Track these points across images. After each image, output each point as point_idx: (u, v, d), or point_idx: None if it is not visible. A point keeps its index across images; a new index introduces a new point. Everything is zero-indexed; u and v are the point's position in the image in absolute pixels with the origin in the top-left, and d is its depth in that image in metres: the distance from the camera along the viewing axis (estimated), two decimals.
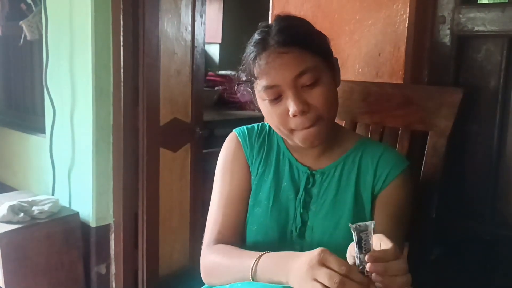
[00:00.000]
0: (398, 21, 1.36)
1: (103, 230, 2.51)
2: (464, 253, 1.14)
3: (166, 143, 2.54)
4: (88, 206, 2.46)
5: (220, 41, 4.56)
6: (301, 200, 1.13)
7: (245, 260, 1.02)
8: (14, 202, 2.29)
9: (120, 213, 2.49)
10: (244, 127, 1.24)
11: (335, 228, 1.09)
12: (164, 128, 2.52)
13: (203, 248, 1.16)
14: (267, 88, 1.03)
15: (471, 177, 1.38)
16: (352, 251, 0.83)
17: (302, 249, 1.08)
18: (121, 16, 2.34)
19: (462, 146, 1.38)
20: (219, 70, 4.39)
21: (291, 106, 1.01)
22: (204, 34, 2.70)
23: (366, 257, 0.77)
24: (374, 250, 0.79)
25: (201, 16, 2.65)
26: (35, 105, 3.06)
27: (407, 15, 1.35)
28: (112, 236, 2.53)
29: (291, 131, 1.06)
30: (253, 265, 0.99)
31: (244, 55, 1.11)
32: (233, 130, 1.25)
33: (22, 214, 2.24)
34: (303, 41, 1.03)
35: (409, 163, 1.12)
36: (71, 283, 2.43)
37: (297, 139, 1.07)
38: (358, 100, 1.36)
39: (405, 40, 1.36)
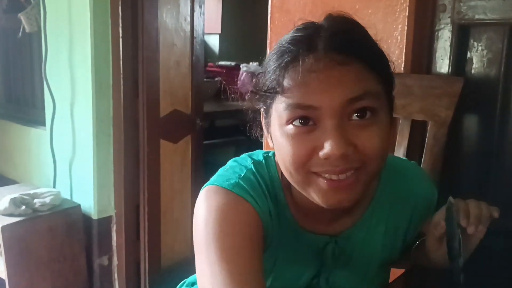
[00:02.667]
0: (398, 10, 1.35)
1: (105, 222, 2.51)
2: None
3: (166, 134, 2.54)
4: (90, 198, 2.46)
5: (219, 32, 4.54)
6: (328, 280, 0.87)
7: None
8: (16, 195, 2.29)
9: (122, 205, 2.49)
10: (244, 185, 0.80)
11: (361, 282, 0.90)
12: (164, 119, 2.52)
13: None
14: (298, 107, 0.69)
15: (471, 167, 1.38)
16: (438, 232, 0.80)
17: None
18: (120, 8, 2.33)
19: (462, 136, 1.38)
20: (219, 61, 4.38)
21: (329, 143, 0.67)
22: (204, 25, 2.69)
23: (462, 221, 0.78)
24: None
25: (200, 7, 2.64)
26: (35, 98, 3.05)
27: (407, 3, 1.34)
28: (114, 228, 2.54)
29: (310, 177, 0.72)
30: None
31: (268, 58, 0.77)
32: (235, 193, 0.79)
33: (23, 207, 2.25)
34: (368, 56, 0.72)
35: (435, 187, 0.94)
36: (74, 275, 2.44)
37: (316, 192, 0.72)
38: None
39: (406, 29, 1.35)
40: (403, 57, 1.36)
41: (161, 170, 2.54)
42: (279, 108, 0.71)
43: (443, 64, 1.37)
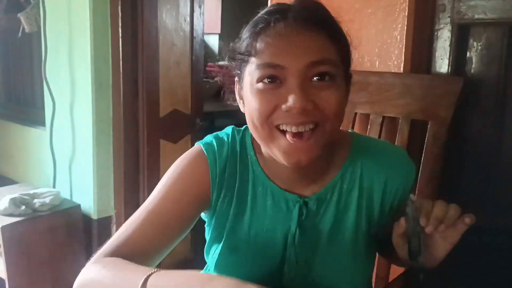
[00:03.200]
0: (398, 9, 1.35)
1: (105, 222, 2.51)
2: (464, 243, 1.14)
3: (166, 134, 2.54)
4: (89, 199, 2.46)
5: (219, 32, 4.54)
6: (295, 237, 0.91)
7: (131, 275, 0.74)
8: (16, 195, 2.29)
9: (121, 204, 2.49)
10: (214, 141, 0.96)
11: (335, 259, 0.93)
12: (164, 119, 2.52)
13: (88, 262, 0.85)
14: (267, 66, 0.79)
15: (471, 166, 1.38)
16: (399, 230, 0.84)
17: (293, 285, 0.93)
18: (120, 8, 2.33)
19: (462, 135, 1.38)
20: (218, 61, 4.38)
21: (292, 97, 0.76)
22: (203, 25, 2.69)
23: (421, 220, 0.80)
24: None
25: (200, 7, 2.64)
26: (34, 98, 3.05)
27: (407, 3, 1.34)
28: (114, 228, 2.54)
29: (274, 133, 0.81)
30: (141, 284, 0.71)
31: (243, 29, 0.88)
32: (198, 143, 0.97)
33: (23, 207, 2.25)
34: (331, 30, 0.81)
35: (413, 164, 0.98)
36: (74, 275, 2.42)
37: (278, 149, 0.81)
38: (358, 89, 1.36)
39: (405, 29, 1.35)
40: (403, 56, 1.36)
41: (160, 170, 2.54)
42: (251, 68, 0.81)
43: (442, 64, 1.37)
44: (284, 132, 0.80)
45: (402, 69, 1.37)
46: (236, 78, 0.91)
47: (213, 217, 0.96)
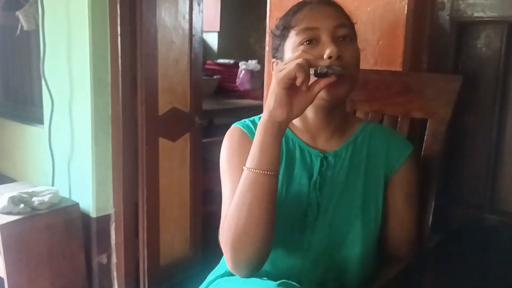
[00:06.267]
0: (397, 7, 1.35)
1: (104, 220, 2.51)
2: (464, 240, 1.14)
3: (165, 132, 2.54)
4: (88, 197, 2.46)
5: (218, 30, 4.54)
6: (316, 183, 1.11)
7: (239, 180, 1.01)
8: (14, 193, 2.29)
9: (120, 203, 2.49)
10: (244, 120, 1.19)
11: (347, 208, 1.10)
12: (163, 117, 2.52)
13: (220, 241, 1.04)
14: (306, 29, 1.03)
15: (470, 164, 1.38)
16: None
17: (313, 231, 1.09)
18: (118, 5, 2.33)
19: (461, 133, 1.38)
20: (217, 59, 4.38)
21: (329, 48, 0.99)
22: (202, 23, 2.69)
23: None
24: None
25: (199, 5, 2.63)
26: (33, 95, 3.05)
27: (406, 1, 1.34)
28: (113, 226, 2.54)
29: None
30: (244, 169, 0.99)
31: (280, 18, 1.13)
32: (233, 124, 1.19)
33: (22, 205, 2.25)
34: (342, 8, 1.10)
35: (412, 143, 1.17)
36: (73, 273, 2.44)
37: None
38: (357, 88, 1.35)
39: (404, 27, 1.35)
40: (402, 54, 1.36)
41: (159, 168, 2.54)
42: (292, 38, 1.06)
43: (442, 62, 1.37)
44: None
45: (401, 67, 1.37)
46: (272, 60, 1.15)
47: None
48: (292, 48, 1.06)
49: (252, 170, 0.97)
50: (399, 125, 1.30)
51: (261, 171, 0.96)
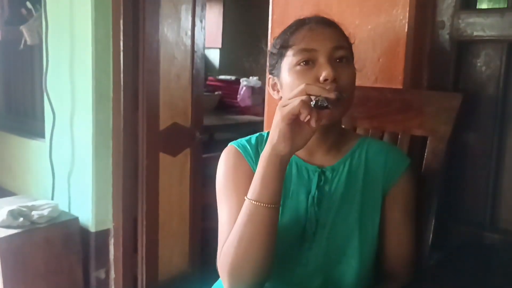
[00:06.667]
0: (397, 26, 1.36)
1: (103, 235, 2.50)
2: (464, 258, 1.14)
3: (165, 147, 2.55)
4: (88, 211, 2.46)
5: (220, 46, 4.57)
6: (315, 198, 1.11)
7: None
8: (14, 207, 2.29)
9: (120, 217, 2.48)
10: (240, 139, 1.20)
11: (345, 222, 1.10)
12: (163, 132, 2.52)
13: (218, 267, 1.06)
14: (303, 50, 1.04)
15: (471, 182, 1.38)
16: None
17: (311, 246, 1.10)
18: (121, 21, 2.35)
19: (461, 151, 1.38)
20: (219, 75, 4.40)
21: (325, 71, 1.01)
22: (204, 39, 2.71)
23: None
24: None
25: (201, 21, 2.66)
26: (35, 109, 3.06)
27: (407, 20, 1.35)
28: (112, 241, 2.53)
29: None
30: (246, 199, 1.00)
31: (278, 35, 1.14)
32: (230, 144, 1.20)
33: (21, 219, 2.24)
34: (340, 29, 1.11)
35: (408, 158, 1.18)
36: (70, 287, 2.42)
37: None
38: (357, 104, 1.36)
39: (405, 45, 1.36)
40: (403, 72, 1.37)
41: (159, 183, 2.54)
42: (289, 58, 1.06)
43: (442, 80, 1.38)
44: None
45: (402, 85, 1.37)
46: (269, 77, 1.16)
47: None
48: (288, 69, 1.07)
49: (253, 202, 0.99)
50: (399, 142, 1.30)
51: (262, 204, 0.98)
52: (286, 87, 1.08)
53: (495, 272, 1.08)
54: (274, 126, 0.96)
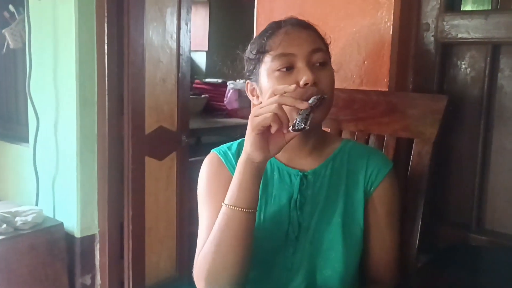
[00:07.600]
0: (382, 28, 1.37)
1: (88, 241, 2.47)
2: (451, 260, 1.14)
3: (151, 151, 2.52)
4: (73, 217, 2.43)
5: (206, 49, 4.55)
6: (297, 202, 1.11)
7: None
8: None
9: (105, 223, 2.46)
10: (223, 145, 1.20)
11: (328, 225, 1.09)
12: (149, 136, 2.50)
13: (194, 274, 1.10)
14: (282, 55, 1.03)
15: (457, 184, 1.38)
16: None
17: (295, 250, 1.09)
18: (106, 25, 2.33)
19: (447, 153, 1.38)
20: (205, 78, 4.38)
21: (305, 75, 1.00)
22: (190, 42, 2.70)
23: None
24: None
25: (187, 24, 2.64)
26: (18, 114, 3.02)
27: (391, 22, 1.35)
28: (97, 247, 2.50)
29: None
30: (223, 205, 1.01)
31: (253, 40, 1.13)
32: (212, 151, 1.20)
33: (4, 225, 2.21)
34: (316, 30, 1.10)
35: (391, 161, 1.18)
36: None
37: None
38: (343, 107, 1.36)
39: (390, 47, 1.36)
40: (388, 74, 1.37)
41: (146, 188, 2.51)
42: (267, 63, 1.06)
43: (427, 82, 1.38)
44: None
45: (387, 87, 1.37)
46: (247, 82, 1.16)
47: None
48: (267, 74, 1.06)
49: (230, 206, 1.00)
50: (385, 145, 1.30)
51: (239, 208, 0.99)
52: (266, 92, 1.06)
53: (482, 274, 1.08)
54: (247, 136, 0.97)
